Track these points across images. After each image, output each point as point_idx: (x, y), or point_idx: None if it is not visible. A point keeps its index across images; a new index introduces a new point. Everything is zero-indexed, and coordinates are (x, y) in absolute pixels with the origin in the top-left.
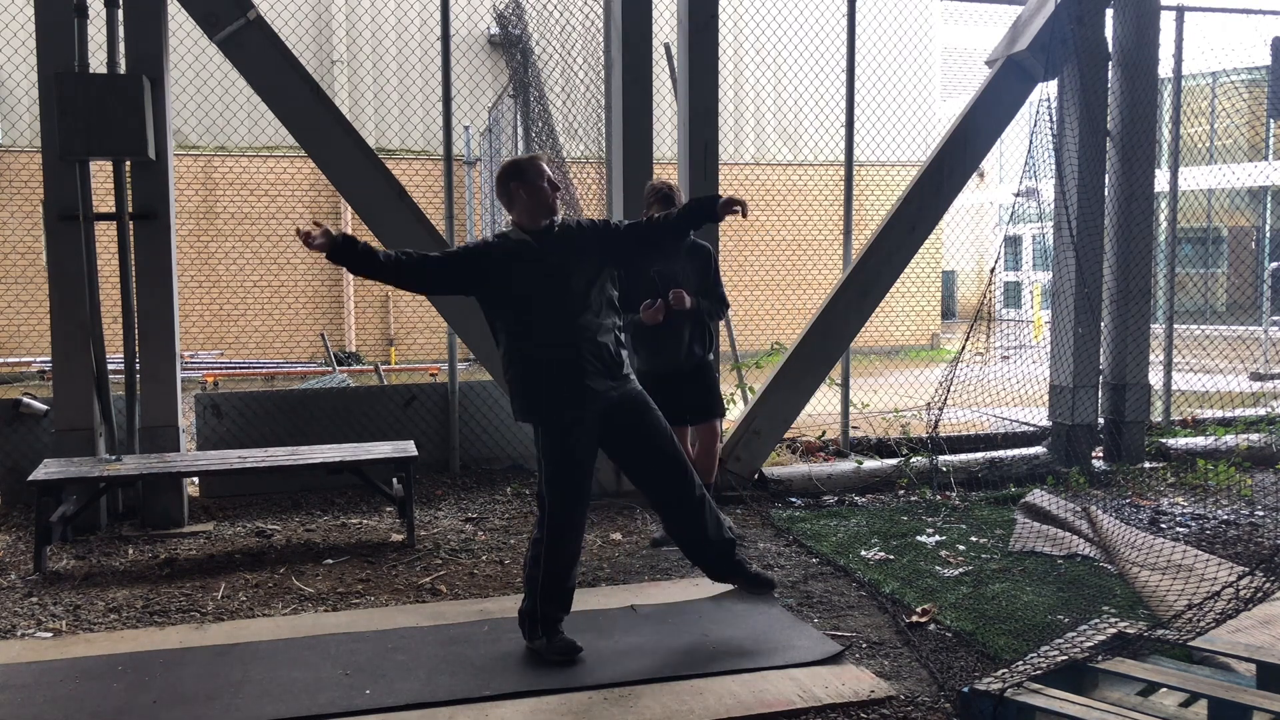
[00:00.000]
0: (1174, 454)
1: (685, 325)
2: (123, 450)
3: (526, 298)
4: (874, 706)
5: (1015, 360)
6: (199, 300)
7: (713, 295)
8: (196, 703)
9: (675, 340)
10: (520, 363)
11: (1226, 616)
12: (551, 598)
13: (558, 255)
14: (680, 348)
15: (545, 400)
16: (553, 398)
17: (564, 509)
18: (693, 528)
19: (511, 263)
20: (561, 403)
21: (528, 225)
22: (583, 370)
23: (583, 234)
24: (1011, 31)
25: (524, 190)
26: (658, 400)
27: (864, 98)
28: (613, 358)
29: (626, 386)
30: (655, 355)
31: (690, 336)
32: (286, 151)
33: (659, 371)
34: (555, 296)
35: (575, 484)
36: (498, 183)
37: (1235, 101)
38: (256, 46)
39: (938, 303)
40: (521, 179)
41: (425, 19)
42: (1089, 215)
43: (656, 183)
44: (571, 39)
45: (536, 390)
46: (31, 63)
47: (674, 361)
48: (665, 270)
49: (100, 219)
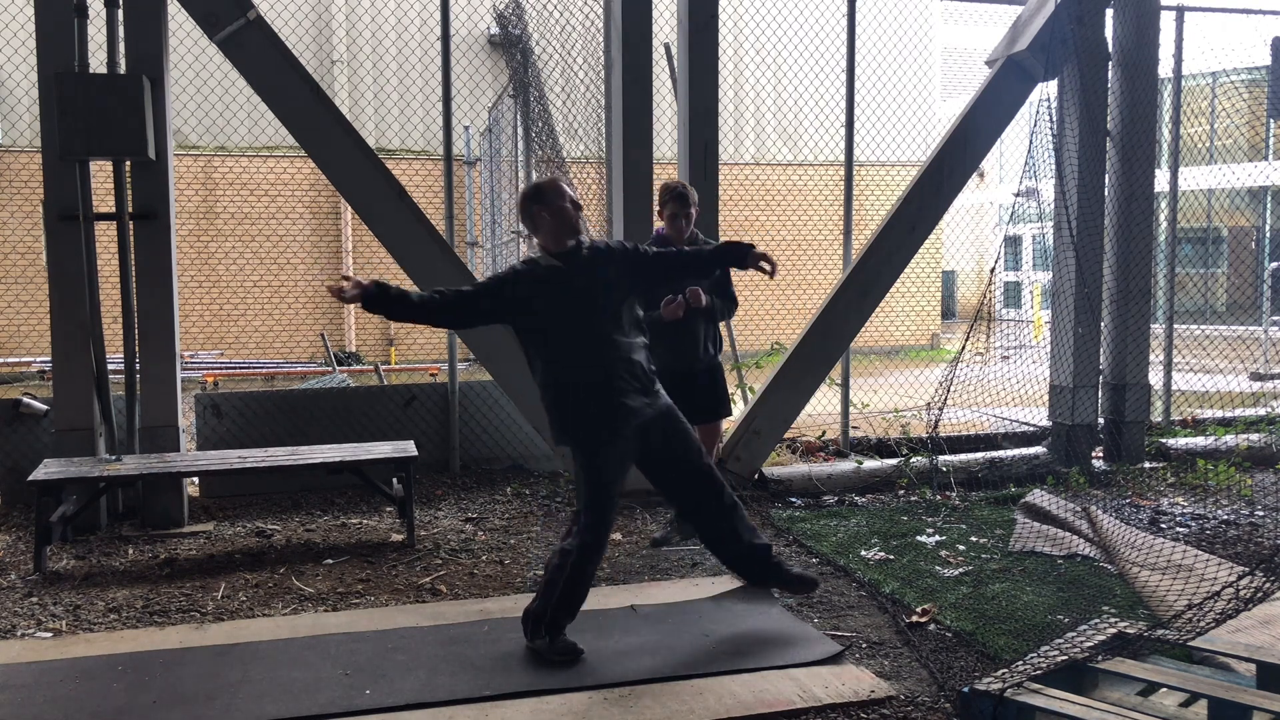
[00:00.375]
0: (1174, 454)
1: (700, 324)
2: (123, 450)
3: (558, 323)
4: (874, 706)
5: (1015, 360)
6: (199, 300)
7: (724, 295)
8: (196, 703)
9: (692, 339)
10: (555, 387)
11: (1226, 616)
12: (567, 606)
13: (586, 277)
14: (697, 346)
15: (585, 422)
16: (591, 419)
17: (604, 528)
18: (728, 536)
19: (541, 290)
20: (599, 423)
21: (554, 249)
22: (618, 389)
23: (611, 256)
24: (1011, 31)
25: (546, 213)
26: (675, 397)
27: (864, 98)
28: (645, 374)
29: (659, 402)
30: (672, 353)
31: (704, 336)
32: (286, 151)
33: (675, 369)
34: (585, 319)
35: (613, 503)
36: (520, 209)
37: (1235, 101)
38: (256, 46)
39: (938, 303)
40: (543, 202)
41: (425, 19)
42: (1089, 215)
43: (671, 182)
44: (571, 39)
45: (574, 412)
46: (31, 63)
47: (690, 360)
48: None
49: (100, 219)
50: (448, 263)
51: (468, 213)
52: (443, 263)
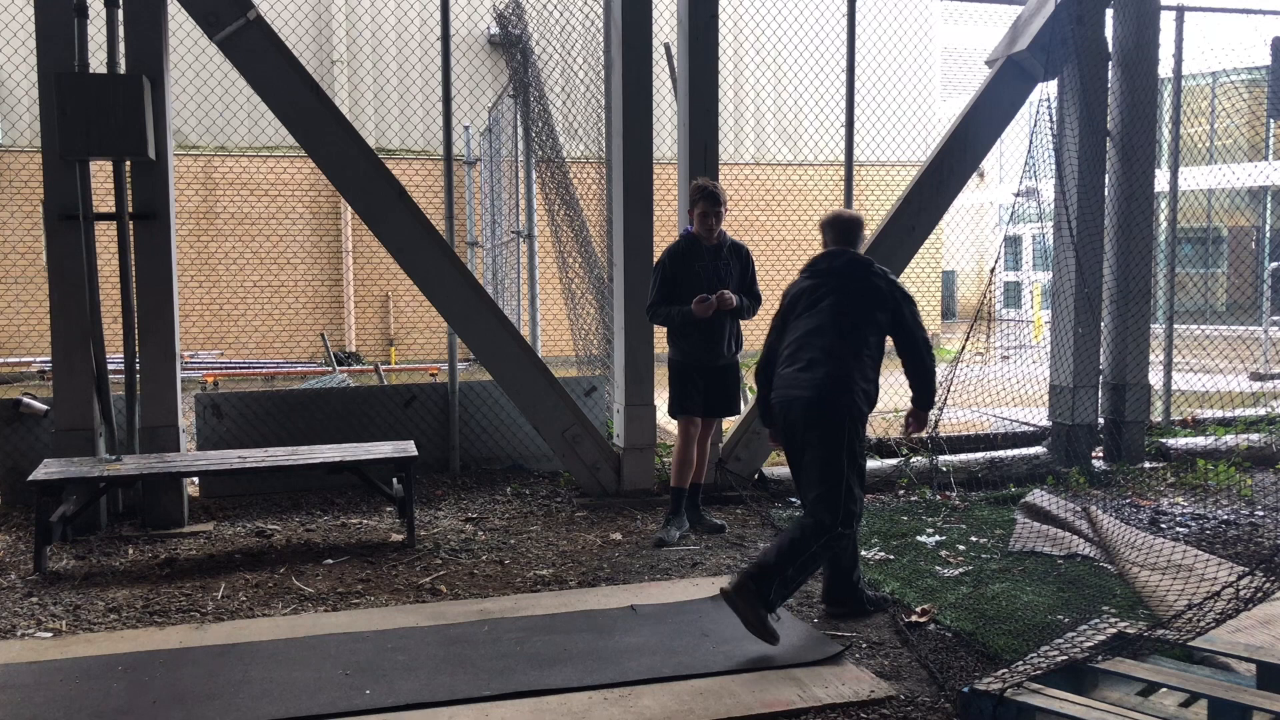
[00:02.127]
0: (1174, 454)
1: (728, 322)
2: (123, 450)
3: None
4: (874, 706)
5: (1015, 360)
6: (199, 300)
7: (750, 293)
8: (196, 703)
9: (720, 336)
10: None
11: (1226, 616)
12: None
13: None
14: (724, 343)
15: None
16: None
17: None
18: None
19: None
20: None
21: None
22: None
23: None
24: (1011, 31)
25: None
26: (693, 391)
27: (864, 98)
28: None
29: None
30: (701, 349)
31: (729, 334)
32: (286, 151)
33: (704, 364)
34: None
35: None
36: (858, 228)
37: (1235, 101)
38: (257, 46)
39: (938, 303)
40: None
41: (425, 19)
42: (1089, 215)
43: (703, 181)
44: (571, 39)
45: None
46: (31, 63)
47: (715, 356)
48: (712, 266)
49: (100, 219)
50: (447, 263)
51: (468, 213)
52: (442, 263)
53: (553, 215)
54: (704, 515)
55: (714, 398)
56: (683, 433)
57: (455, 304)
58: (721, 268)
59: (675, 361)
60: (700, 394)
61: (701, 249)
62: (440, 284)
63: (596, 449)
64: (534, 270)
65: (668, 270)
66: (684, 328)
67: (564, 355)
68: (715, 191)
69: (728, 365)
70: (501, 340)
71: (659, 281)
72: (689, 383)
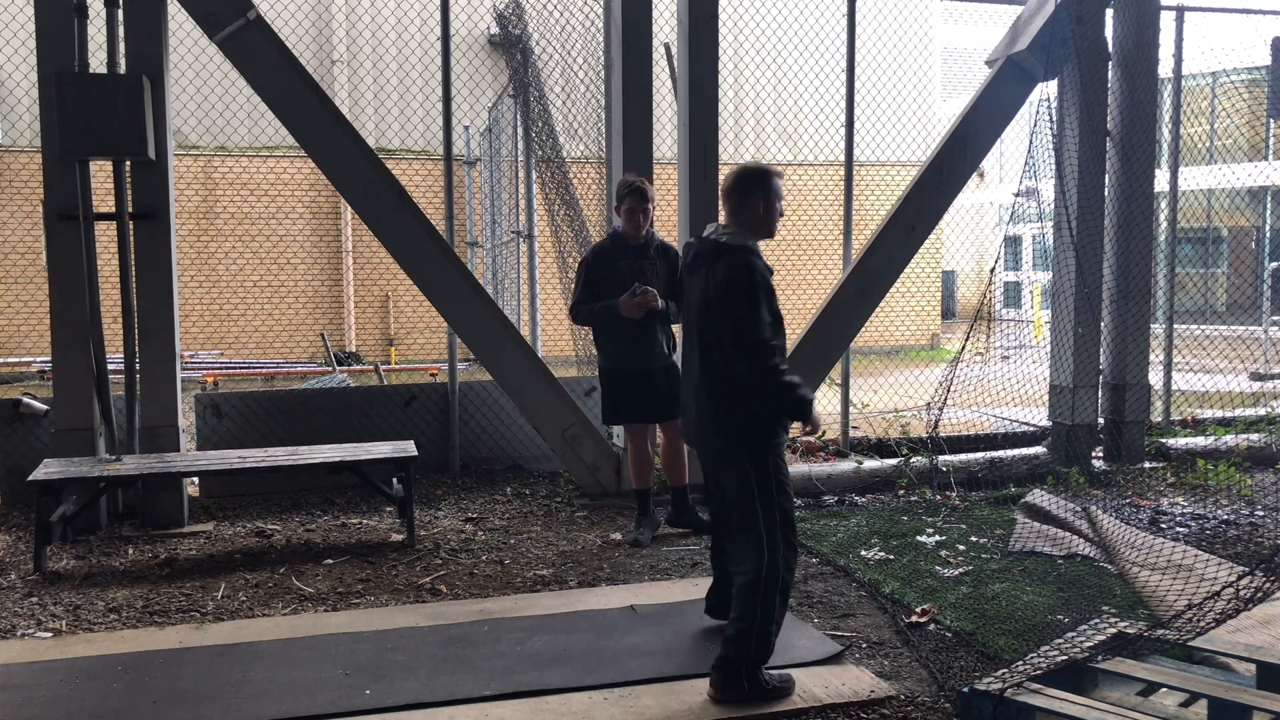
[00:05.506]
0: (1174, 454)
1: (658, 324)
2: (123, 450)
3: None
4: (874, 706)
5: (1015, 360)
6: (199, 300)
7: (677, 298)
8: (196, 703)
9: (650, 339)
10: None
11: (1226, 616)
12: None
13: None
14: (655, 346)
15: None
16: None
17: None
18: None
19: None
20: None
21: (753, 240)
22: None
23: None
24: (1011, 31)
25: (765, 203)
26: (629, 399)
27: (864, 98)
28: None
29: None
30: (631, 353)
31: (661, 336)
32: (286, 151)
33: (632, 370)
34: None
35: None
36: (745, 182)
37: (1235, 101)
38: (256, 46)
39: (938, 303)
40: (772, 190)
41: (425, 19)
42: (1089, 215)
43: (629, 177)
44: (571, 39)
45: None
46: (31, 63)
47: (648, 360)
48: (636, 266)
49: (100, 219)
50: (448, 263)
51: (468, 213)
52: (442, 263)
53: (553, 215)
54: (697, 514)
55: (658, 402)
56: (629, 438)
57: (455, 304)
58: (647, 267)
59: (603, 368)
60: (632, 401)
61: (627, 248)
62: (440, 284)
63: (596, 449)
64: (534, 270)
65: (592, 269)
66: (610, 328)
67: (564, 355)
68: (642, 187)
69: (663, 368)
70: (501, 340)
71: (583, 281)
72: (619, 390)
